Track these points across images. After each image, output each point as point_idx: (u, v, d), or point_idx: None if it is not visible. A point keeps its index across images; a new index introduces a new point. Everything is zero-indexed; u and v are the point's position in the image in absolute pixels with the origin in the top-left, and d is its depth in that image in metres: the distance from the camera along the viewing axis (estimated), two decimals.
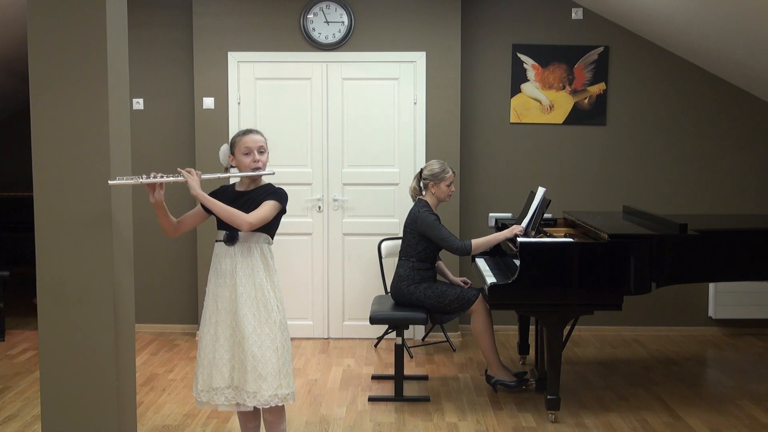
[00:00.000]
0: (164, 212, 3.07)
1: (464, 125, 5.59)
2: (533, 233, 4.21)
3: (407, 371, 4.68)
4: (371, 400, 4.29)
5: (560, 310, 3.89)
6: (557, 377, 3.90)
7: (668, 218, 4.19)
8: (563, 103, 5.63)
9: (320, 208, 5.51)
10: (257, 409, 3.17)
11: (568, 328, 4.14)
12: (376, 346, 5.42)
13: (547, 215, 4.80)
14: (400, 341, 4.26)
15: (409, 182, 5.15)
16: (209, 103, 5.46)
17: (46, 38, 3.00)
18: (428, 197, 4.45)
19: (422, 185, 4.46)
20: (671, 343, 5.52)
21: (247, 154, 3.12)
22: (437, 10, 5.38)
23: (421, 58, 5.41)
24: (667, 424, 3.91)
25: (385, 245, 5.27)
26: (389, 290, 4.60)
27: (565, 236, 4.27)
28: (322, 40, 5.40)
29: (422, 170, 4.48)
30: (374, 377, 4.70)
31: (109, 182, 2.94)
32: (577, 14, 5.58)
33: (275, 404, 3.07)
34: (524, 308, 4.14)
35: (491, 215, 5.68)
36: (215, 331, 3.10)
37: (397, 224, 5.48)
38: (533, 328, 4.89)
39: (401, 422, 3.97)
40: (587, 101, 5.63)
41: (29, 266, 3.67)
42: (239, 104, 5.46)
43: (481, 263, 4.69)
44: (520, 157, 5.69)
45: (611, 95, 5.64)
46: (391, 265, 5.08)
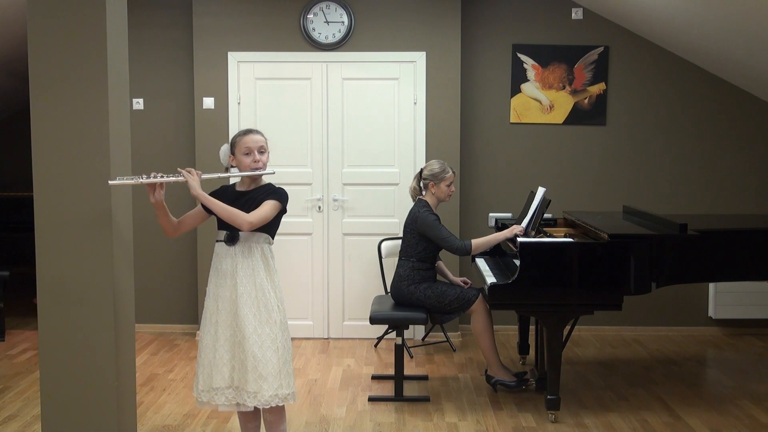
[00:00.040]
0: (164, 212, 3.07)
1: (464, 125, 5.59)
2: (533, 233, 4.21)
3: (407, 371, 4.68)
4: (371, 400, 4.29)
5: (560, 310, 3.89)
6: (557, 377, 3.90)
7: (668, 218, 4.19)
8: (563, 103, 5.63)
9: (320, 208, 5.51)
10: (257, 409, 3.17)
11: (568, 328, 4.14)
12: (376, 346, 5.42)
13: (547, 215, 4.80)
14: (400, 341, 4.26)
15: (409, 182, 5.15)
16: (209, 103, 5.46)
17: (46, 38, 3.00)
18: (428, 197, 4.45)
19: (422, 185, 4.46)
20: (671, 343, 5.52)
21: (247, 154, 3.12)
22: (437, 10, 5.38)
23: (421, 58, 5.41)
24: (667, 424, 3.91)
25: (385, 245, 5.27)
26: (389, 290, 4.60)
27: (565, 236, 4.27)
28: (322, 40, 5.40)
29: (422, 170, 4.48)
30: (374, 377, 4.70)
31: (109, 182, 2.94)
32: (577, 14, 5.58)
33: (276, 404, 3.07)
34: (524, 308, 4.14)
35: (491, 215, 5.68)
36: (216, 331, 3.10)
37: (397, 224, 5.48)
38: (533, 328, 4.89)
39: (401, 422, 3.97)
40: (587, 101, 5.63)
41: (29, 266, 3.67)
42: (239, 104, 5.47)
43: (481, 263, 4.69)
44: (520, 157, 5.69)
45: (611, 95, 5.64)
46: (391, 265, 5.08)
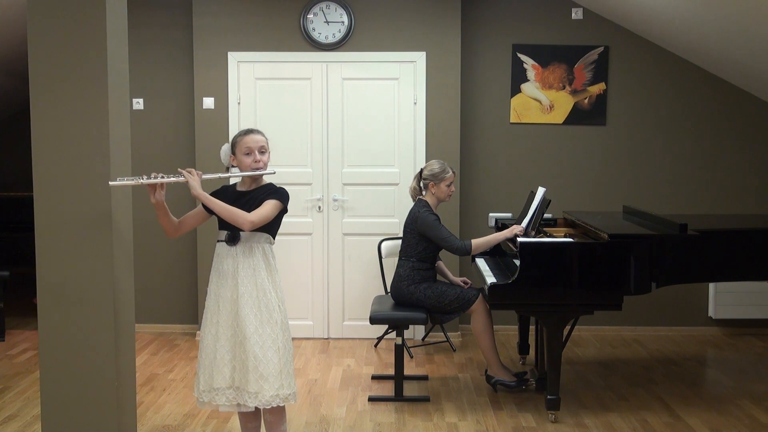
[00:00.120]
0: (165, 212, 3.07)
1: (464, 125, 5.59)
2: (533, 233, 4.21)
3: (407, 371, 4.68)
4: (371, 400, 4.29)
5: (560, 310, 3.89)
6: (557, 377, 3.90)
7: (668, 218, 4.19)
8: (563, 103, 5.63)
9: (320, 208, 5.51)
10: (258, 409, 3.18)
11: (568, 328, 4.14)
12: (376, 346, 5.42)
13: (547, 215, 4.80)
14: (400, 341, 4.26)
15: (409, 182, 5.15)
16: (209, 103, 5.46)
17: (46, 38, 3.00)
18: (428, 197, 4.45)
19: (422, 185, 4.46)
20: (671, 343, 5.52)
21: (248, 154, 3.12)
22: (437, 10, 5.38)
23: (421, 58, 5.41)
24: (667, 424, 3.91)
25: (385, 245, 5.27)
26: (389, 290, 4.60)
27: (565, 236, 4.27)
28: (322, 40, 5.40)
29: (422, 170, 4.48)
30: (374, 377, 4.70)
31: (109, 183, 2.93)
32: (577, 14, 5.58)
33: (276, 404, 3.07)
34: (524, 308, 4.13)
35: (491, 215, 5.68)
36: (216, 331, 3.10)
37: (397, 224, 5.48)
38: (533, 328, 4.89)
39: (401, 422, 3.96)
40: (587, 101, 5.63)
41: (29, 266, 3.66)
42: (239, 104, 5.46)
43: (481, 263, 4.69)
44: (520, 157, 5.69)
45: (611, 95, 5.64)
46: (391, 265, 5.08)
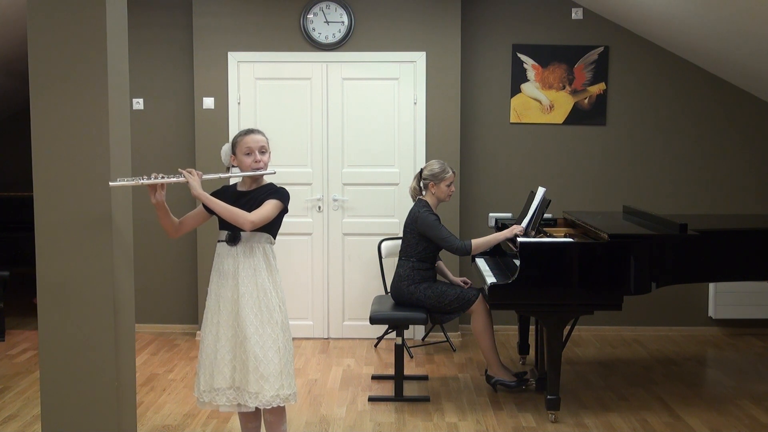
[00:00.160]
0: (166, 213, 3.07)
1: (464, 125, 5.59)
2: (533, 233, 4.21)
3: (407, 371, 4.68)
4: (371, 400, 4.29)
5: (560, 310, 3.89)
6: (557, 377, 3.90)
7: (668, 218, 4.19)
8: (563, 103, 5.63)
9: (320, 208, 5.51)
10: (258, 409, 3.17)
11: (568, 328, 4.14)
12: (376, 346, 5.42)
13: (547, 215, 4.80)
14: (400, 341, 4.26)
15: (409, 182, 5.15)
16: (209, 103, 5.46)
17: (46, 38, 3.00)
18: (428, 197, 4.45)
19: (422, 185, 4.46)
20: (671, 343, 5.52)
21: (248, 154, 3.12)
22: (437, 10, 5.38)
23: (421, 58, 5.41)
24: (667, 424, 3.92)
25: (385, 245, 5.27)
26: (389, 290, 4.60)
27: (565, 236, 4.27)
28: (322, 40, 5.40)
29: (422, 170, 4.48)
30: (374, 377, 4.70)
31: (110, 184, 2.93)
32: (577, 14, 5.58)
33: (277, 405, 3.07)
34: (524, 308, 4.14)
35: (491, 215, 5.68)
36: (217, 331, 3.10)
37: (397, 224, 5.48)
38: (533, 328, 4.89)
39: (401, 422, 3.96)
40: (587, 101, 5.63)
41: (29, 266, 3.67)
42: (239, 104, 5.46)
43: (481, 263, 4.69)
44: (520, 157, 5.69)
45: (611, 95, 5.64)
46: (391, 265, 5.08)
